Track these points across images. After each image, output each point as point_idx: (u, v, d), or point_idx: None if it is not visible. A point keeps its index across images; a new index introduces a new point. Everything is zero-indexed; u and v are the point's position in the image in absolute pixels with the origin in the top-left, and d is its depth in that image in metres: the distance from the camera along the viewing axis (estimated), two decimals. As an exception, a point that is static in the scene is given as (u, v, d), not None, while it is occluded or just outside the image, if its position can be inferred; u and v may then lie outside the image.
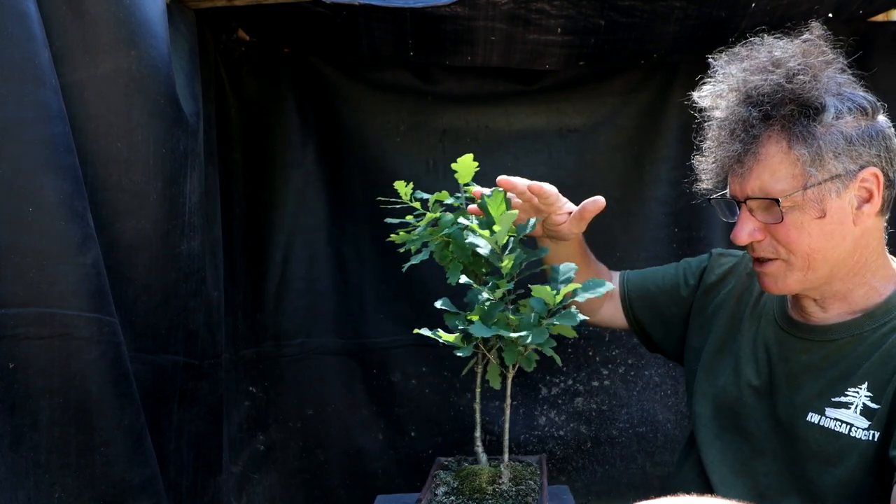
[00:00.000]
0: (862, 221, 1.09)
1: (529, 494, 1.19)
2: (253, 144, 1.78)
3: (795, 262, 1.11)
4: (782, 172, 1.07)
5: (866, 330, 1.11)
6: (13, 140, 1.00)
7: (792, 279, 1.12)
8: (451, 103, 1.87)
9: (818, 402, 1.10)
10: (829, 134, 1.06)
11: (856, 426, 1.05)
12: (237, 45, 1.74)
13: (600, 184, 1.92)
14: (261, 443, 1.81)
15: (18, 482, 1.01)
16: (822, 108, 1.06)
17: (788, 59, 1.08)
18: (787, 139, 1.07)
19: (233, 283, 1.75)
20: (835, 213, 1.07)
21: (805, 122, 1.06)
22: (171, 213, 1.31)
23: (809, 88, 1.06)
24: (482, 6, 1.51)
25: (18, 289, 1.01)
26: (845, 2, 1.63)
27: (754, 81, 1.08)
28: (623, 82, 1.90)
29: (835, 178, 1.06)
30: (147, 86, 1.22)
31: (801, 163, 1.06)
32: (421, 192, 1.25)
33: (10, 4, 1.00)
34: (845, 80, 1.10)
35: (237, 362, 1.77)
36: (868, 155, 1.07)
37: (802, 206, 1.07)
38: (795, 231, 1.08)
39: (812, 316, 1.18)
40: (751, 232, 1.13)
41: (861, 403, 1.06)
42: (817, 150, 1.05)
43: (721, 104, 1.13)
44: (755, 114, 1.07)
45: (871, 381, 1.06)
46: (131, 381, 1.15)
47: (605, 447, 1.96)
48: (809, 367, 1.14)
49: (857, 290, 1.14)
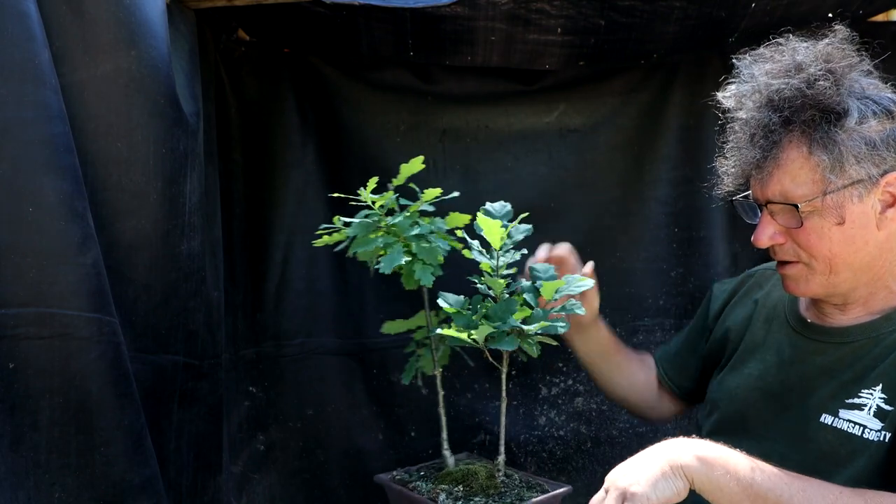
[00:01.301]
0: (886, 226, 1.08)
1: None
2: (253, 144, 1.78)
3: (817, 266, 1.10)
4: (802, 178, 1.06)
5: (883, 332, 1.10)
6: (13, 140, 1.00)
7: (814, 283, 1.12)
8: (451, 103, 1.87)
9: (832, 404, 1.09)
10: (851, 139, 1.04)
11: (869, 427, 1.04)
12: (237, 45, 1.73)
13: (600, 184, 1.92)
14: (261, 443, 1.81)
15: (18, 482, 1.01)
16: (844, 112, 1.05)
17: (810, 64, 1.07)
18: (808, 144, 1.06)
19: (233, 283, 1.75)
20: (857, 218, 1.06)
21: (826, 127, 1.04)
22: (171, 213, 1.30)
23: (831, 94, 1.05)
24: (482, 6, 1.51)
25: (18, 289, 1.01)
26: (845, 2, 1.63)
27: (776, 85, 1.07)
28: (623, 82, 1.90)
29: (857, 183, 1.05)
30: (147, 86, 1.22)
31: (821, 168, 1.05)
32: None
33: (10, 4, 1.00)
34: (870, 83, 1.09)
35: (237, 362, 1.77)
36: (892, 159, 1.06)
37: (822, 212, 1.07)
38: (816, 236, 1.08)
39: (829, 317, 1.17)
40: (772, 235, 1.13)
41: (875, 405, 1.05)
42: (838, 156, 1.04)
43: (745, 105, 1.12)
44: (776, 118, 1.07)
45: (886, 383, 1.05)
46: (131, 381, 1.15)
47: (605, 447, 1.96)
48: (824, 369, 1.13)
49: (878, 293, 1.13)
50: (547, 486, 1.30)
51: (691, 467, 0.97)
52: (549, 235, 1.93)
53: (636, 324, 1.96)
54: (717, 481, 0.96)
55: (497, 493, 1.24)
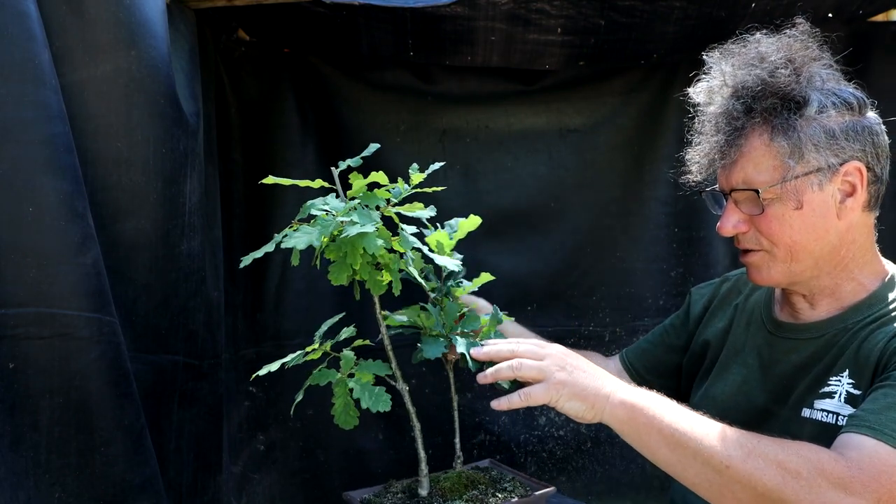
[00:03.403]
0: (846, 216, 1.10)
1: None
2: (253, 144, 1.78)
3: (778, 253, 1.12)
4: (764, 165, 1.09)
5: (850, 323, 1.12)
6: (13, 140, 1.00)
7: (776, 270, 1.14)
8: (451, 103, 1.87)
9: (808, 397, 1.11)
10: (811, 127, 1.07)
11: (842, 415, 1.06)
12: (237, 45, 1.73)
13: (600, 184, 1.92)
14: (261, 443, 1.81)
15: (18, 482, 1.01)
16: (804, 101, 1.08)
17: (772, 55, 1.10)
18: (769, 131, 1.09)
19: (233, 283, 1.75)
20: (817, 206, 1.08)
21: (786, 114, 1.07)
22: (171, 213, 1.31)
23: (791, 83, 1.08)
24: (482, 6, 1.51)
25: (18, 289, 1.01)
26: (845, 2, 1.63)
27: (740, 76, 1.11)
28: (623, 82, 1.90)
29: (816, 171, 1.07)
30: (147, 86, 1.22)
31: (780, 154, 1.07)
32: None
33: (10, 4, 1.00)
34: (830, 76, 1.11)
35: (237, 362, 1.77)
36: (852, 150, 1.08)
37: (783, 199, 1.09)
38: (777, 223, 1.10)
39: (801, 313, 1.19)
40: (735, 223, 1.15)
41: (844, 392, 1.07)
42: (797, 143, 1.07)
43: (714, 100, 1.15)
44: (739, 107, 1.10)
45: (852, 369, 1.07)
46: (131, 381, 1.15)
47: (605, 447, 1.96)
48: (799, 366, 1.15)
49: (844, 284, 1.15)
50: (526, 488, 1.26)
51: (615, 414, 1.02)
52: (550, 235, 1.94)
53: (636, 324, 1.96)
54: (638, 426, 1.01)
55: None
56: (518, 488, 1.24)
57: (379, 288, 1.15)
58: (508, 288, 1.86)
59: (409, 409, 1.22)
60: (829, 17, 1.69)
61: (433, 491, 1.23)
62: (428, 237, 1.22)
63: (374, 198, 1.10)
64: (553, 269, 1.93)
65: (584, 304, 1.95)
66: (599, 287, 1.95)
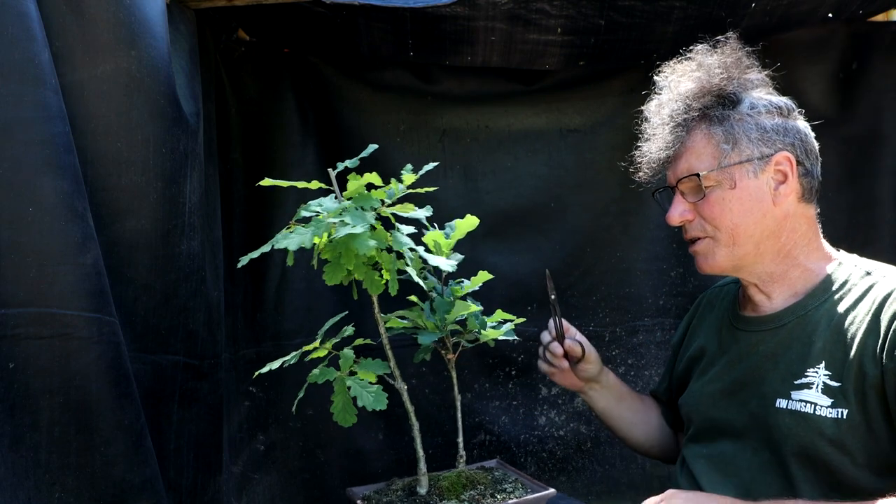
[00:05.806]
0: (780, 202, 1.19)
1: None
2: (253, 144, 1.78)
3: (721, 237, 1.21)
4: (705, 153, 1.21)
5: (809, 309, 1.19)
6: (13, 140, 1.00)
7: (720, 255, 1.22)
8: (451, 103, 1.87)
9: (783, 387, 1.16)
10: (745, 121, 1.20)
11: (819, 405, 1.10)
12: (237, 45, 1.74)
13: (600, 184, 1.92)
14: (261, 443, 1.81)
15: (18, 482, 1.01)
16: (737, 100, 1.21)
17: (709, 63, 1.24)
18: (708, 124, 1.22)
19: (233, 283, 1.75)
20: (753, 192, 1.19)
21: (721, 109, 1.21)
22: (171, 213, 1.30)
23: (726, 85, 1.21)
24: (482, 6, 1.51)
25: (18, 289, 1.01)
26: (845, 2, 1.63)
27: (683, 82, 1.25)
28: (623, 82, 1.90)
29: (751, 160, 1.19)
30: (147, 86, 1.22)
31: (717, 141, 1.20)
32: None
33: (10, 4, 1.00)
34: (760, 82, 1.25)
35: (237, 362, 1.77)
36: (782, 143, 1.20)
37: (722, 184, 1.20)
38: (718, 207, 1.20)
39: (760, 306, 1.26)
40: (682, 212, 1.24)
41: (821, 383, 1.12)
42: (731, 131, 1.19)
43: (662, 111, 1.27)
44: (681, 108, 1.23)
45: (829, 360, 1.12)
46: (131, 381, 1.15)
47: (605, 447, 1.96)
48: (767, 357, 1.21)
49: (791, 271, 1.23)
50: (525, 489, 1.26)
51: None
52: (550, 235, 1.94)
53: (636, 324, 1.96)
54: None
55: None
56: (518, 490, 1.24)
57: (376, 288, 1.15)
58: (508, 288, 1.86)
59: (408, 408, 1.22)
60: (829, 17, 1.69)
61: (432, 490, 1.23)
62: (425, 237, 1.23)
63: (368, 199, 1.11)
64: (553, 269, 1.92)
65: (584, 304, 1.95)
66: (599, 287, 1.95)
